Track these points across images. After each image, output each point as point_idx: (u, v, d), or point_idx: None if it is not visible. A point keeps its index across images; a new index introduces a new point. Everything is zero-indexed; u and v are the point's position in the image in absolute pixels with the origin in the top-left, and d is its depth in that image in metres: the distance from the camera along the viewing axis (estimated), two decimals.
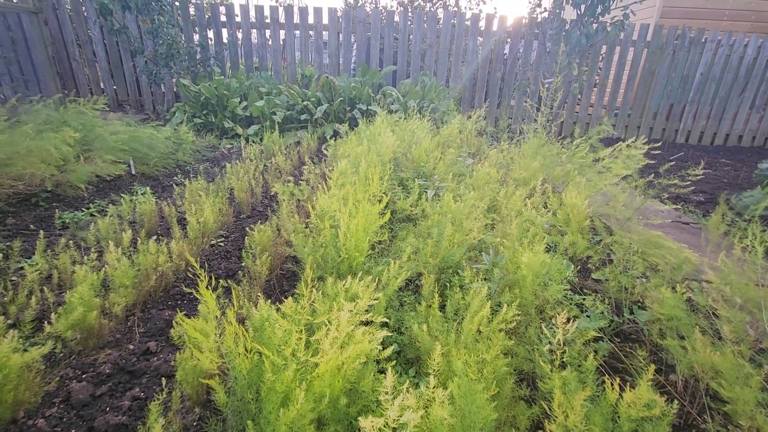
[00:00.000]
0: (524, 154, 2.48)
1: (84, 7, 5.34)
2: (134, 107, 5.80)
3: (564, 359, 1.19)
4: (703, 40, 5.73)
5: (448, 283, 1.58)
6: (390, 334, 1.12)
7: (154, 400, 1.17)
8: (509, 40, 5.71)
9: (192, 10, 5.47)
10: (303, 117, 4.89)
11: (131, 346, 1.46)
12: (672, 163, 4.85)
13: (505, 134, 4.46)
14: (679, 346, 1.28)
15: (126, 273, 1.56)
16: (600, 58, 5.89)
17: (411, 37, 5.72)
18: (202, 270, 1.84)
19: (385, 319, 1.11)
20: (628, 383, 1.37)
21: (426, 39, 5.79)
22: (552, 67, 5.63)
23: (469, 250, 1.76)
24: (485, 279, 1.60)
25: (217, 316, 1.11)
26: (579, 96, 5.76)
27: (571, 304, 1.53)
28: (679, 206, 3.32)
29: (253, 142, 4.57)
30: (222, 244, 2.22)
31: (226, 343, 1.05)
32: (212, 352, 1.09)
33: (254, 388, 0.99)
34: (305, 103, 4.81)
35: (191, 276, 1.88)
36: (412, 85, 5.24)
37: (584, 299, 1.53)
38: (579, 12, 4.70)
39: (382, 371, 1.20)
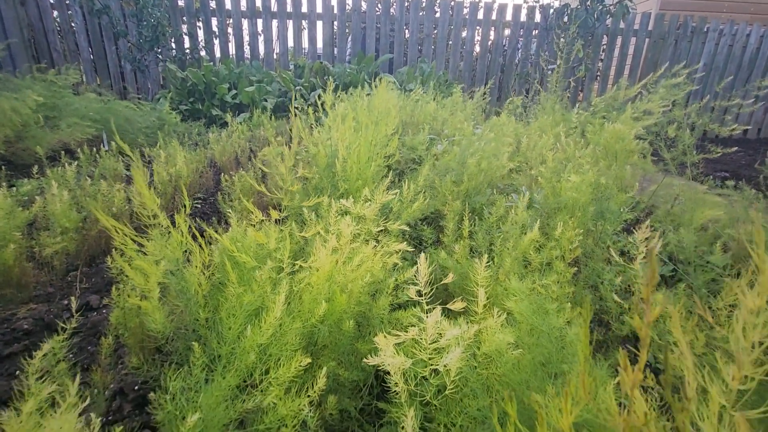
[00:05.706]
0: (543, 107, 2.21)
1: None
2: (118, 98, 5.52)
3: None
4: (705, 30, 5.63)
5: (474, 222, 1.27)
6: (411, 249, 0.80)
7: (80, 361, 0.83)
8: (509, 29, 5.56)
9: (180, 2, 5.26)
10: (296, 103, 4.63)
11: (65, 302, 1.11)
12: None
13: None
14: None
15: (67, 213, 1.23)
16: (601, 50, 5.75)
17: (407, 26, 5.55)
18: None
19: (405, 227, 0.79)
20: None
21: (423, 28, 5.62)
22: (554, 53, 5.47)
23: (494, 192, 1.46)
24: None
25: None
26: (583, 78, 5.58)
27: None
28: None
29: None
30: (199, 205, 1.89)
31: (175, 255, 0.73)
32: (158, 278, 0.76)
33: (212, 308, 0.66)
34: (298, 88, 4.56)
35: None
36: (410, 70, 5.03)
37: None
38: None
39: (402, 306, 0.87)
